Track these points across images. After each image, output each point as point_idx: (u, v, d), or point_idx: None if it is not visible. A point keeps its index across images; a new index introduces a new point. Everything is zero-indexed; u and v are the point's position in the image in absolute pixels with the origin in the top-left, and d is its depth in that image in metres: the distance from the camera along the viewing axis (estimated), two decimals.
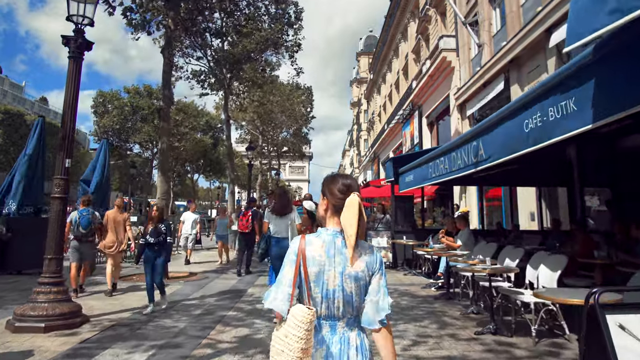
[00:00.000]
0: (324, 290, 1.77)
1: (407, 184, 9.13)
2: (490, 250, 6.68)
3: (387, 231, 10.94)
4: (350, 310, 1.79)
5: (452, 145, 6.28)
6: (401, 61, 31.81)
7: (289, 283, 1.79)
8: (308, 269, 1.78)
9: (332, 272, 1.78)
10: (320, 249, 1.80)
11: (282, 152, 37.00)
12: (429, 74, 20.93)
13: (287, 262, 1.83)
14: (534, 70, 12.47)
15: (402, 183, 9.62)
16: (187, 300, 6.91)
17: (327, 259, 1.78)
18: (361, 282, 1.80)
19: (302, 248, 1.81)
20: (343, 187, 1.84)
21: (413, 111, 25.08)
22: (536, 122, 3.76)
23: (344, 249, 1.79)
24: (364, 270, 1.80)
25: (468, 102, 17.22)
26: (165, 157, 9.41)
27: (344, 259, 1.78)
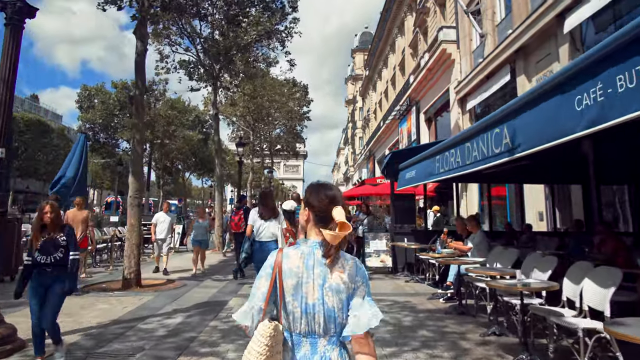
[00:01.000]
0: (304, 304, 1.68)
1: (408, 181, 8.21)
2: (509, 257, 5.73)
3: (386, 233, 9.98)
4: (333, 327, 1.69)
5: (466, 134, 5.34)
6: (398, 56, 30.99)
7: (262, 297, 1.73)
8: (284, 282, 1.70)
9: (311, 285, 1.69)
10: (298, 260, 1.73)
11: (276, 150, 35.88)
12: (427, 67, 20.04)
13: (262, 275, 1.76)
14: (544, 59, 11.58)
15: (401, 180, 8.70)
16: (154, 315, 5.88)
17: (305, 271, 1.70)
18: (343, 295, 1.70)
19: (278, 261, 1.74)
20: (326, 198, 1.77)
21: (410, 107, 24.21)
22: (595, 97, 2.83)
23: (325, 260, 1.71)
24: (346, 283, 1.70)
25: (469, 96, 16.34)
26: (138, 151, 8.40)
27: (325, 271, 1.70)
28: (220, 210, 15.77)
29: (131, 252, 7.83)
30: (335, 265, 1.71)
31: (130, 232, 7.98)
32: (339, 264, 1.72)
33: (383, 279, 9.44)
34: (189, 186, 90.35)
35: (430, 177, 6.87)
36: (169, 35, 14.59)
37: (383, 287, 8.44)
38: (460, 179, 9.76)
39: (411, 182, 7.91)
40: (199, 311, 6.16)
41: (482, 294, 5.74)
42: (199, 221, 10.67)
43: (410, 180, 7.97)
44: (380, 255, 9.76)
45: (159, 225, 10.09)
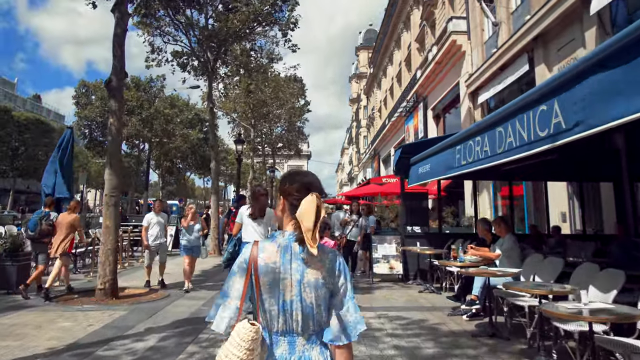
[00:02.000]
0: (280, 302, 1.58)
1: (421, 177, 7.24)
2: (552, 268, 4.70)
3: (396, 236, 8.94)
4: (311, 325, 1.60)
5: (497, 116, 4.38)
6: (403, 52, 30.05)
7: (237, 295, 1.62)
8: (260, 279, 1.59)
9: (289, 281, 1.59)
10: (274, 254, 1.62)
11: (278, 149, 34.87)
12: (436, 60, 19.05)
13: (237, 270, 1.64)
14: (567, 46, 10.59)
15: (413, 176, 7.73)
16: (122, 337, 4.87)
17: (282, 266, 1.60)
18: (322, 291, 1.60)
19: (254, 255, 1.63)
20: (301, 186, 1.68)
21: (417, 103, 23.24)
22: None
23: (302, 254, 1.61)
24: (325, 278, 1.61)
25: (481, 89, 15.36)
26: (116, 142, 7.42)
27: (302, 266, 1.60)
28: (217, 210, 14.84)
29: (106, 259, 6.86)
30: (314, 260, 1.61)
31: (105, 236, 6.99)
32: (318, 258, 1.62)
33: (393, 287, 8.42)
34: (192, 186, 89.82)
35: (448, 171, 5.89)
36: (160, 25, 13.64)
37: (395, 298, 7.45)
38: (477, 175, 8.77)
39: (424, 177, 6.94)
40: (177, 331, 5.16)
41: (518, 311, 4.70)
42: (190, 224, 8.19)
43: (424, 176, 7.00)
44: (390, 261, 8.71)
45: (151, 228, 8.24)
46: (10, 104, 60.15)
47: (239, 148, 17.16)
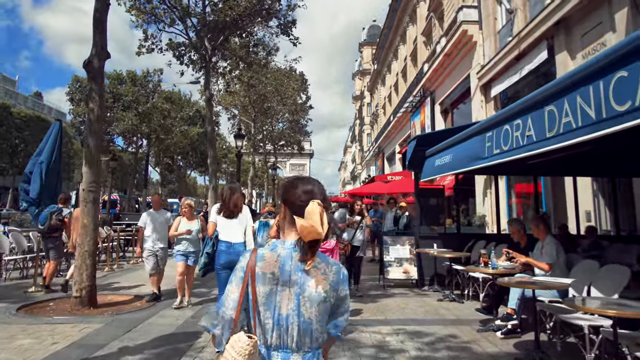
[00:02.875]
0: (276, 315, 1.49)
1: (438, 169, 6.42)
2: (616, 279, 3.81)
3: (409, 237, 8.05)
4: (308, 342, 1.50)
5: (550, 91, 3.55)
6: (409, 47, 29.20)
7: (233, 305, 1.52)
8: (257, 289, 1.50)
9: (287, 293, 1.50)
10: (273, 264, 1.53)
11: (280, 146, 34.01)
12: (445, 52, 18.20)
13: (234, 279, 1.56)
14: (593, 31, 9.73)
15: (428, 168, 6.91)
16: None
17: (280, 277, 1.51)
18: (322, 306, 1.51)
19: (251, 264, 1.53)
20: (303, 194, 1.59)
21: (424, 98, 22.39)
22: None
23: (303, 265, 1.51)
24: (328, 291, 1.52)
25: (494, 82, 14.51)
26: (95, 130, 6.59)
27: (303, 278, 1.51)
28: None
29: (82, 263, 6.04)
30: (317, 271, 1.53)
31: (82, 237, 6.17)
32: (321, 270, 1.54)
33: (407, 294, 7.55)
34: (194, 184, 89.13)
35: (475, 162, 5.05)
36: (154, 10, 12.78)
37: (411, 308, 6.56)
38: (497, 169, 7.92)
39: (442, 170, 6.12)
40: (155, 352, 4.31)
41: (574, 331, 3.81)
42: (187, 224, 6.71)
43: (442, 169, 6.17)
44: (403, 264, 7.82)
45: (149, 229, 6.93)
46: (10, 100, 59.58)
47: (239, 143, 16.35)
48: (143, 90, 28.39)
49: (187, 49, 13.78)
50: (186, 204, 6.98)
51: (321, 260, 1.55)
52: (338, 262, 1.68)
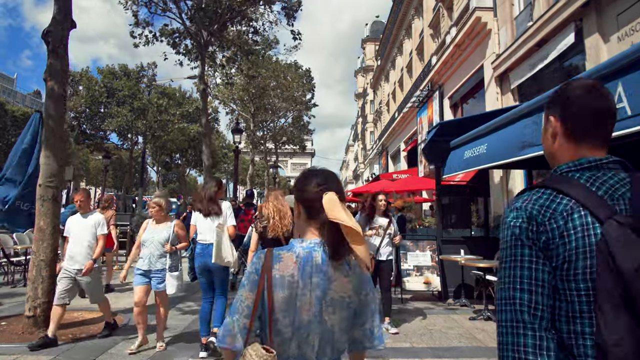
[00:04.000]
0: (296, 322, 1.37)
1: (468, 162, 5.34)
2: None
3: (431, 241, 6.85)
4: (330, 352, 1.39)
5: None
6: (415, 40, 28.14)
7: (246, 312, 1.38)
8: (274, 294, 1.37)
9: (307, 297, 1.37)
10: (292, 266, 1.40)
11: (281, 143, 32.88)
12: (455, 42, 17.11)
13: (247, 283, 1.42)
14: (631, 9, 8.66)
15: (454, 162, 5.83)
16: None
17: (300, 280, 1.38)
18: (346, 311, 1.40)
19: (267, 266, 1.40)
20: (315, 186, 1.46)
21: (432, 92, 21.30)
22: None
23: (325, 266, 1.39)
24: (351, 296, 1.41)
25: (511, 71, 13.42)
26: (55, 113, 5.52)
27: (325, 280, 1.38)
28: None
29: (37, 274, 4.96)
30: (338, 273, 1.40)
31: (37, 242, 5.08)
32: (343, 271, 1.42)
33: (432, 310, 6.43)
34: (195, 184, 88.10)
35: (523, 151, 3.97)
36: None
37: (440, 330, 5.43)
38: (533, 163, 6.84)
39: (476, 163, 5.02)
40: None
41: None
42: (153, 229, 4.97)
43: (474, 161, 5.07)
44: (424, 273, 6.66)
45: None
46: (3, 97, 58.74)
47: (237, 138, 15.30)
48: (137, 86, 27.25)
49: (182, 36, 12.71)
50: (154, 203, 5.03)
51: (343, 260, 1.42)
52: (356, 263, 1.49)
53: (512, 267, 1.18)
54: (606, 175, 1.19)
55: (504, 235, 1.24)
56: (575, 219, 1.14)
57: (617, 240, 1.05)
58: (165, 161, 34.98)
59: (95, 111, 27.27)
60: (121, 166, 37.20)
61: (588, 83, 1.28)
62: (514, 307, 1.14)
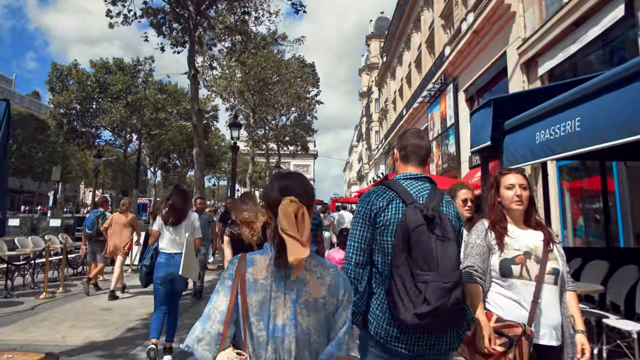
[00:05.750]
0: (271, 326, 1.36)
1: (543, 148, 3.92)
2: None
3: None
4: (307, 355, 1.37)
5: None
6: (424, 33, 26.83)
7: (220, 318, 1.37)
8: (248, 298, 1.38)
9: (281, 300, 1.37)
10: (265, 269, 1.41)
11: (283, 142, 31.40)
12: (473, 29, 15.73)
13: (221, 288, 1.43)
14: None
15: (514, 150, 4.41)
16: None
17: (274, 282, 1.39)
18: (322, 313, 1.40)
19: (241, 270, 1.41)
20: (278, 192, 1.46)
21: (446, 85, 19.93)
22: None
23: None
24: (325, 297, 1.41)
25: (541, 57, 11.99)
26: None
27: (299, 282, 1.39)
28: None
29: None
30: (312, 275, 1.42)
31: None
32: (317, 274, 1.43)
33: None
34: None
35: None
36: None
37: None
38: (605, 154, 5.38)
39: (560, 147, 3.60)
40: None
41: None
42: None
43: (556, 144, 3.65)
44: None
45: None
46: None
47: (235, 133, 13.93)
48: (133, 81, 25.85)
49: (167, 16, 11.29)
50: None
51: (317, 263, 1.46)
52: (336, 264, 1.56)
53: (353, 229, 2.08)
54: (417, 183, 2.10)
55: (356, 210, 2.12)
56: (392, 203, 2.02)
57: (409, 212, 1.92)
58: (163, 162, 33.60)
59: (87, 107, 25.85)
60: (123, 167, 35.98)
61: (414, 130, 2.30)
62: (349, 250, 2.04)
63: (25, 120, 46.06)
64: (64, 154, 50.58)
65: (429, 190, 2.03)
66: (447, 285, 1.76)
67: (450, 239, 1.87)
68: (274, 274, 1.38)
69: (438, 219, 1.89)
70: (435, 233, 1.86)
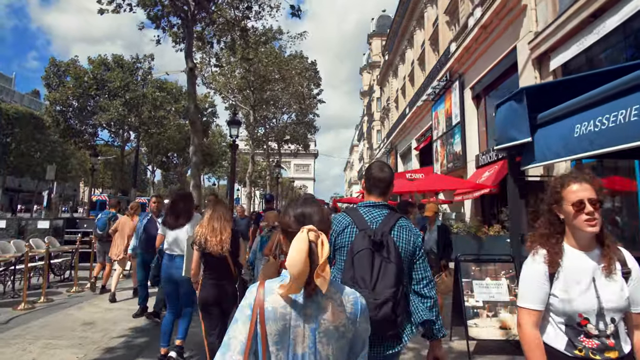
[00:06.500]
0: (290, 355, 1.34)
1: (576, 144, 3.40)
2: None
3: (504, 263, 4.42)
4: None
5: None
6: (428, 30, 26.27)
7: (240, 349, 1.33)
8: (267, 327, 1.34)
9: (301, 329, 1.35)
10: (285, 297, 1.37)
11: (284, 141, 30.82)
12: (481, 24, 15.19)
13: (240, 317, 1.39)
14: None
15: (548, 144, 3.87)
16: None
17: (293, 311, 1.36)
18: (342, 341, 1.37)
19: (259, 299, 1.36)
20: (294, 219, 1.47)
21: (451, 83, 19.37)
22: None
23: (318, 296, 1.37)
24: (346, 325, 1.38)
25: (554, 52, 11.46)
26: None
27: (318, 311, 1.36)
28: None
29: None
30: (332, 303, 1.38)
31: None
32: (337, 301, 1.40)
33: None
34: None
35: None
36: None
37: None
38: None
39: (608, 141, 3.08)
40: None
41: None
42: None
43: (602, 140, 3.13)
44: (499, 313, 4.31)
45: None
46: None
47: (234, 132, 13.40)
48: (131, 78, 25.26)
49: (164, 9, 10.73)
50: None
51: (336, 289, 1.43)
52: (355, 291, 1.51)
53: None
54: (375, 210, 2.35)
55: None
56: (347, 228, 2.30)
57: (357, 238, 2.20)
58: (162, 160, 33.06)
59: (84, 104, 25.24)
60: (122, 166, 35.55)
61: (378, 164, 2.53)
62: None
63: (24, 119, 45.60)
64: (63, 153, 50.05)
65: (384, 216, 2.29)
66: (378, 301, 2.03)
67: (392, 261, 2.14)
68: (292, 302, 1.36)
69: (385, 243, 2.16)
70: (382, 254, 2.15)
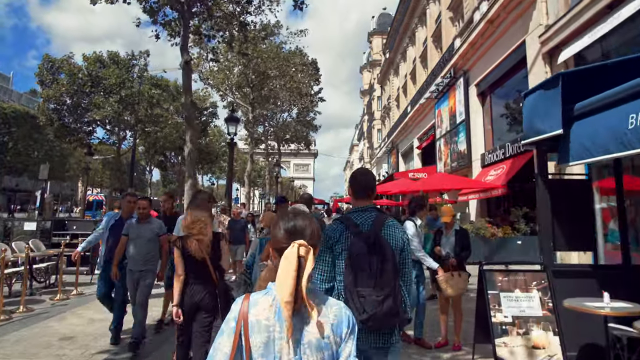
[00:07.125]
0: None
1: (632, 137, 2.86)
2: None
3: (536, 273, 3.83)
4: None
5: None
6: (430, 27, 25.79)
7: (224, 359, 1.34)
8: (251, 340, 1.33)
9: (286, 341, 1.33)
10: (268, 309, 1.36)
11: (284, 140, 30.26)
12: (488, 18, 14.68)
13: (225, 329, 1.38)
14: None
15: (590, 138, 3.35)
16: None
17: (277, 322, 1.34)
18: (326, 352, 1.35)
19: (244, 311, 1.37)
20: (284, 232, 1.45)
21: (455, 80, 18.87)
22: None
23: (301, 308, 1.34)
24: (329, 337, 1.36)
25: (565, 45, 10.96)
26: None
27: (302, 322, 1.35)
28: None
29: None
30: (316, 314, 1.34)
31: None
32: (322, 312, 1.38)
33: None
34: (199, 185, 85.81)
35: None
36: None
37: None
38: None
39: None
40: None
41: None
42: None
43: None
44: (531, 329, 3.68)
45: None
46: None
47: (232, 129, 12.90)
48: (127, 75, 24.70)
49: (160, 1, 10.21)
50: None
51: (319, 300, 1.41)
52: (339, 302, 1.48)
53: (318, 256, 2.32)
54: (364, 213, 2.53)
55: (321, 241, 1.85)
56: (343, 234, 2.45)
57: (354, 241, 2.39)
58: (160, 160, 32.54)
59: (78, 102, 24.68)
60: (120, 166, 35.01)
61: (360, 170, 2.80)
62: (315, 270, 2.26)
63: (21, 118, 45.10)
64: (61, 152, 49.52)
65: (373, 218, 2.48)
66: (380, 297, 2.26)
67: (387, 258, 2.38)
68: (276, 314, 1.33)
69: (378, 243, 2.39)
70: (377, 254, 2.38)
